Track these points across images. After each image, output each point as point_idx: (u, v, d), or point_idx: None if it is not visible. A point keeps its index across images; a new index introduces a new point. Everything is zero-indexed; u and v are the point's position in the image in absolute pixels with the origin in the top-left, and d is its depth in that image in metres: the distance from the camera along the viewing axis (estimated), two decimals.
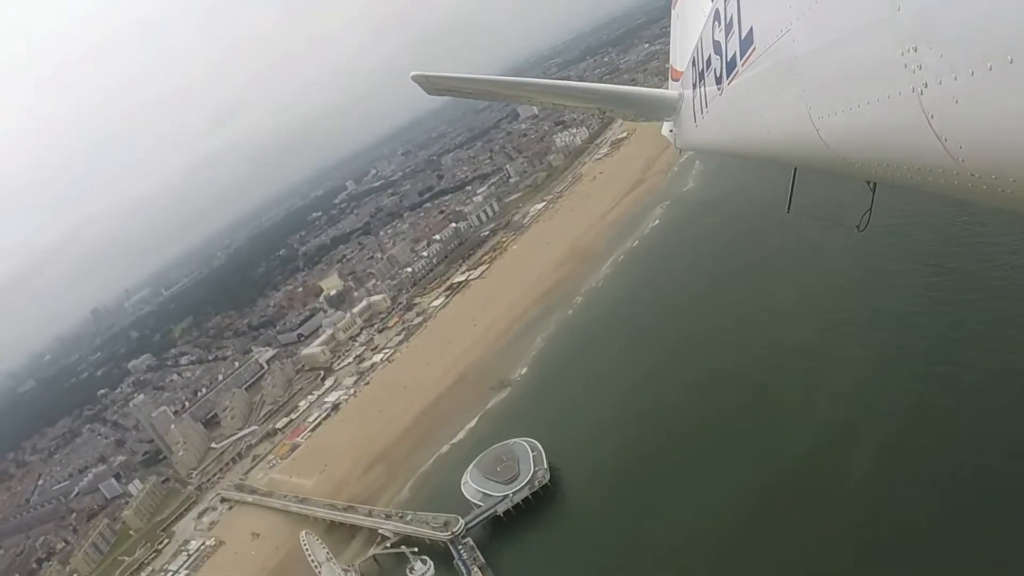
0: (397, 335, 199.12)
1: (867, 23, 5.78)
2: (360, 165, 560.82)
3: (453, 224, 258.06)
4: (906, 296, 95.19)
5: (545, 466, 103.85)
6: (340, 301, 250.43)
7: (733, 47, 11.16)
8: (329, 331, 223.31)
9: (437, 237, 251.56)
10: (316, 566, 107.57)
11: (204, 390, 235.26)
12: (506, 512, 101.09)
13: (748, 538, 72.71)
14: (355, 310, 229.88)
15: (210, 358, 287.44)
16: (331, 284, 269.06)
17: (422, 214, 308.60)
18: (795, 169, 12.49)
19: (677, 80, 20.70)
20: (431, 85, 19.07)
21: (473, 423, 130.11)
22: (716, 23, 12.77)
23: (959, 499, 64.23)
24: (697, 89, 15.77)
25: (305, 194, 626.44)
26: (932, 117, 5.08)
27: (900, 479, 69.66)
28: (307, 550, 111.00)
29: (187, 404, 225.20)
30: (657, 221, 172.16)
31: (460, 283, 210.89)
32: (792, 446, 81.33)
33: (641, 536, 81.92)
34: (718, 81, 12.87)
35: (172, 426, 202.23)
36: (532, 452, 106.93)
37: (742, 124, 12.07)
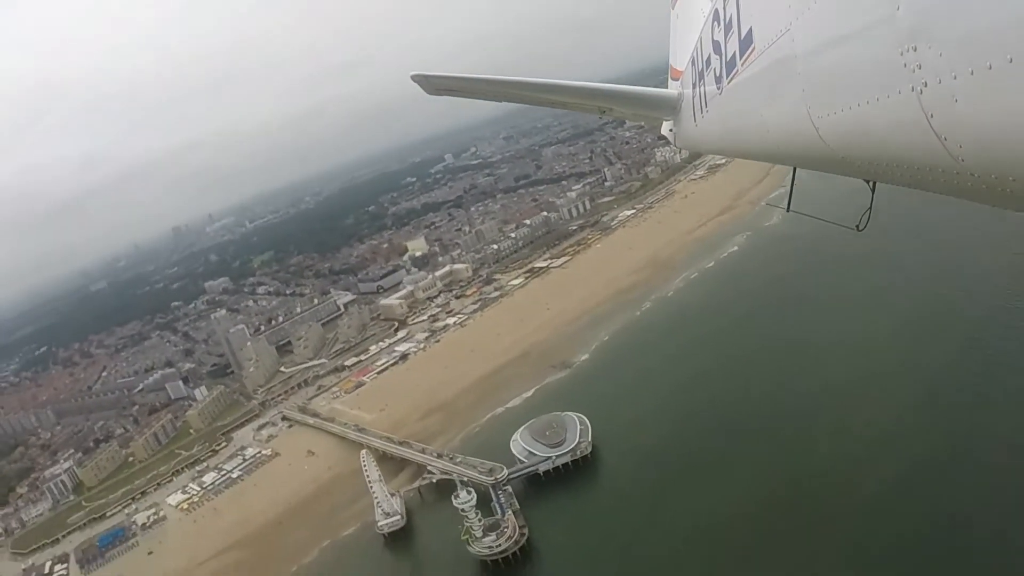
0: (473, 304, 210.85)
1: (866, 22, 5.98)
2: (461, 141, 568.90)
3: (544, 213, 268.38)
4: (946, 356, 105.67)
5: (589, 439, 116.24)
6: (423, 263, 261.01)
7: (733, 47, 11.68)
8: (409, 288, 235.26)
9: (527, 222, 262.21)
10: (369, 483, 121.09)
11: (280, 319, 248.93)
12: (546, 472, 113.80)
13: (757, 532, 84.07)
14: (437, 273, 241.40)
15: (287, 292, 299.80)
16: (417, 246, 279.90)
17: (515, 199, 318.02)
18: (794, 168, 13.00)
19: (677, 80, 21.18)
20: (430, 85, 19.96)
21: (530, 393, 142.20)
22: (716, 23, 13.41)
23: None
24: (697, 88, 16.36)
25: (402, 159, 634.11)
26: (932, 116, 5.23)
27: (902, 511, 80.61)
28: (364, 467, 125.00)
29: (262, 328, 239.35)
30: (736, 248, 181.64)
31: (541, 268, 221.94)
32: (811, 462, 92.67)
33: (661, 516, 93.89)
34: (718, 81, 13.49)
35: (248, 343, 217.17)
36: (580, 425, 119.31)
37: (742, 123, 12.54)
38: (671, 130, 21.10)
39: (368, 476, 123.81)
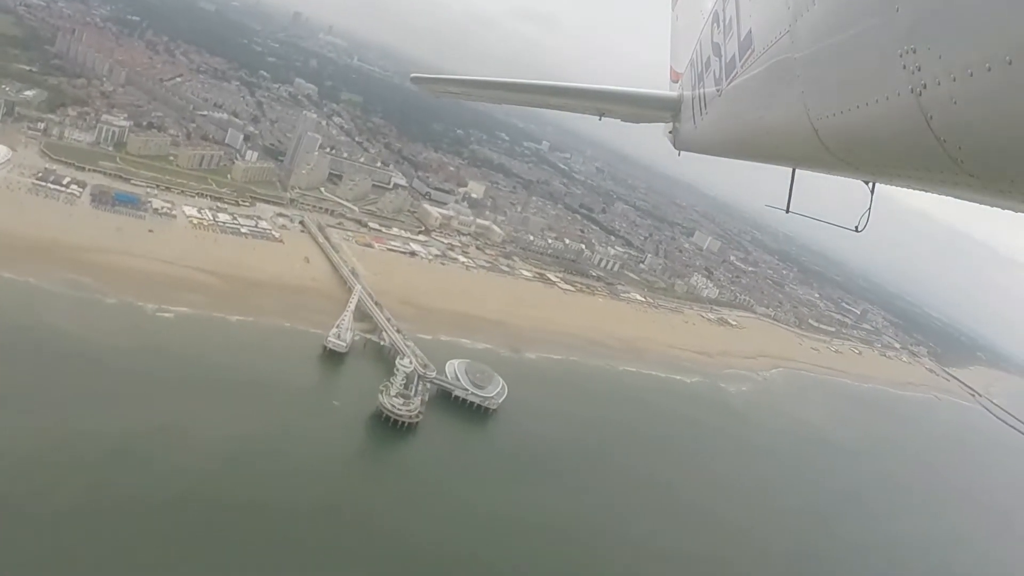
0: (485, 262, 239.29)
1: (866, 24, 6.11)
2: (563, 140, 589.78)
3: (583, 245, 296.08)
4: None
5: (500, 401, 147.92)
6: (471, 205, 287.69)
7: (732, 48, 12.14)
8: (451, 212, 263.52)
9: (567, 241, 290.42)
10: (347, 307, 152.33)
11: (345, 155, 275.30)
12: (456, 397, 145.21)
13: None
14: (479, 220, 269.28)
15: (356, 139, 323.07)
16: (475, 189, 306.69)
17: (568, 218, 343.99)
18: (793, 170, 13.10)
19: (676, 81, 21.46)
20: (430, 87, 21.46)
21: (480, 348, 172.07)
22: (715, 24, 13.95)
23: None
24: (696, 90, 16.58)
25: (510, 113, 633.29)
26: (931, 118, 5.28)
27: None
28: (353, 298, 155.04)
29: (326, 149, 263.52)
30: (688, 381, 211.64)
31: (551, 280, 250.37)
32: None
33: (508, 476, 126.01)
34: (717, 82, 13.84)
35: (315, 152, 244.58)
36: (500, 387, 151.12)
37: (741, 125, 12.68)
38: (670, 132, 21.59)
39: (350, 304, 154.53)
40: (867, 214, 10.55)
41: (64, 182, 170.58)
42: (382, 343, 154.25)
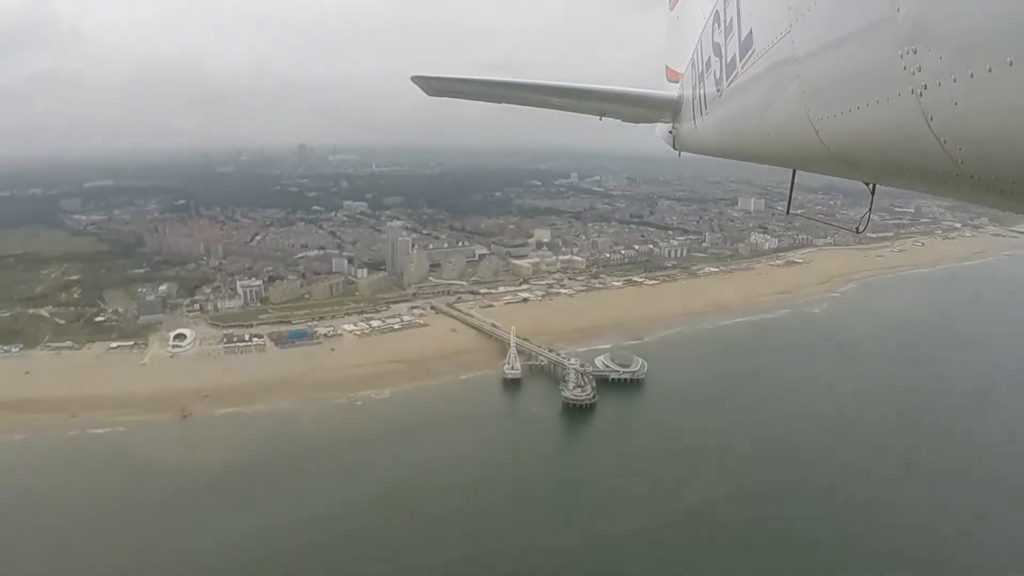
0: (581, 286, 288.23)
1: (866, 25, 6.41)
2: (587, 166, 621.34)
3: (650, 245, 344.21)
4: None
5: (644, 372, 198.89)
6: (547, 248, 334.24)
7: (733, 49, 12.61)
8: (536, 259, 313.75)
9: (636, 247, 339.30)
10: (508, 346, 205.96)
11: (430, 246, 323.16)
12: (612, 379, 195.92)
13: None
14: (560, 257, 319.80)
15: (424, 232, 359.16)
16: (542, 234, 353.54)
17: (626, 230, 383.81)
18: (794, 171, 13.93)
19: (676, 81, 22.21)
20: (431, 86, 21.91)
21: (608, 345, 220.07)
22: (716, 25, 14.38)
23: None
24: (696, 91, 17.35)
25: (528, 161, 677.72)
26: (931, 119, 5.59)
27: None
28: (511, 338, 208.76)
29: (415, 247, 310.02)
30: (777, 316, 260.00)
31: (637, 281, 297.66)
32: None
33: (671, 420, 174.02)
34: (718, 83, 14.45)
35: (413, 249, 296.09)
36: (640, 362, 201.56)
37: (741, 126, 13.24)
38: (670, 132, 22.36)
39: (510, 341, 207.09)
40: (868, 215, 12.26)
41: (246, 339, 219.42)
42: (541, 364, 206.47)
